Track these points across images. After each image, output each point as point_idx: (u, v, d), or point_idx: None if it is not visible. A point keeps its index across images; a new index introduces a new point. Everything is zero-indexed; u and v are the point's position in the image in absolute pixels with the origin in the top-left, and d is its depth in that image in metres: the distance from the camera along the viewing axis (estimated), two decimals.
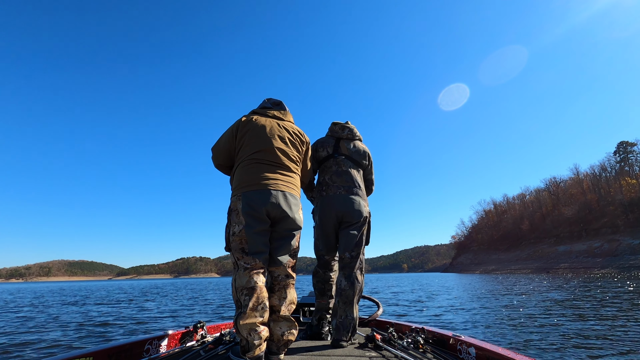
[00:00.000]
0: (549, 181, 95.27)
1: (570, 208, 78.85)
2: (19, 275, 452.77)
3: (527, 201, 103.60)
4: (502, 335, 5.14)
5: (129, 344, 2.00)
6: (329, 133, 2.66)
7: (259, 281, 1.84)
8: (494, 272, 65.66)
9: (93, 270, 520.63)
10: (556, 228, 78.98)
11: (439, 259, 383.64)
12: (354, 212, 2.35)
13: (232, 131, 2.09)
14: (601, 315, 6.55)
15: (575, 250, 62.82)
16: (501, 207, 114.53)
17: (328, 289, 2.53)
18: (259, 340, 1.73)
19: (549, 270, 54.62)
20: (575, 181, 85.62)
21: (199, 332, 2.48)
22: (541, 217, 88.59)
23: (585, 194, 78.96)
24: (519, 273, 56.22)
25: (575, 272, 43.89)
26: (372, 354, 1.97)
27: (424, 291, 16.12)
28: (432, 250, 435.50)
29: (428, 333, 2.38)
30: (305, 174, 2.31)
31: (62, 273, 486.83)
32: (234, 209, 1.93)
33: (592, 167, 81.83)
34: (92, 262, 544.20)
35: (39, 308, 11.33)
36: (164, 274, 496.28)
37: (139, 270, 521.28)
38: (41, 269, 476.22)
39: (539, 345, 4.41)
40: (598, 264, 51.24)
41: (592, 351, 4.00)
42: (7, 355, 4.39)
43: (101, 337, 5.60)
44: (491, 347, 1.83)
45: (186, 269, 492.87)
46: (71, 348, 4.89)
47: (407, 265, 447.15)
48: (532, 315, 6.90)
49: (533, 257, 72.62)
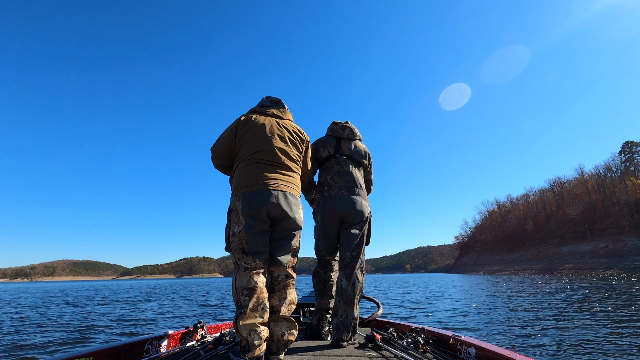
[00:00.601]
0: (553, 181, 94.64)
1: (574, 208, 78.27)
2: (24, 275, 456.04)
3: (531, 201, 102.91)
4: (508, 335, 5.10)
5: (129, 344, 2.00)
6: (329, 133, 2.64)
7: (259, 281, 1.83)
8: (498, 273, 65.31)
9: (97, 270, 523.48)
10: (560, 228, 78.40)
11: (442, 259, 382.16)
12: (356, 213, 2.35)
13: (232, 130, 2.06)
14: (605, 317, 6.49)
15: (580, 251, 62.33)
16: (505, 208, 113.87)
17: (328, 289, 2.52)
18: (259, 340, 1.73)
19: (553, 271, 54.23)
20: (580, 181, 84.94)
21: (199, 332, 2.48)
22: (545, 218, 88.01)
23: (590, 194, 78.30)
24: (523, 274, 55.89)
25: (580, 273, 43.55)
26: (372, 354, 1.97)
27: (430, 292, 16.04)
28: (435, 250, 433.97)
29: (428, 333, 2.38)
30: (306, 173, 2.30)
31: (67, 273, 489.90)
32: (233, 209, 1.92)
33: (597, 167, 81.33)
34: (96, 262, 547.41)
35: (40, 308, 11.38)
36: (167, 274, 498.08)
37: (142, 270, 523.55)
38: (46, 268, 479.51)
39: (541, 345, 4.38)
40: (603, 264, 50.80)
41: (592, 354, 3.96)
42: (8, 355, 4.40)
43: (101, 337, 5.60)
44: (491, 347, 1.83)
45: (189, 269, 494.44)
46: (71, 348, 4.89)
47: (410, 265, 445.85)
48: (536, 316, 6.86)
49: (537, 258, 72.13)
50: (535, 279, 30.16)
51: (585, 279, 26.20)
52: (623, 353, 3.89)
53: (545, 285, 18.20)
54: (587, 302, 9.10)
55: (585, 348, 4.18)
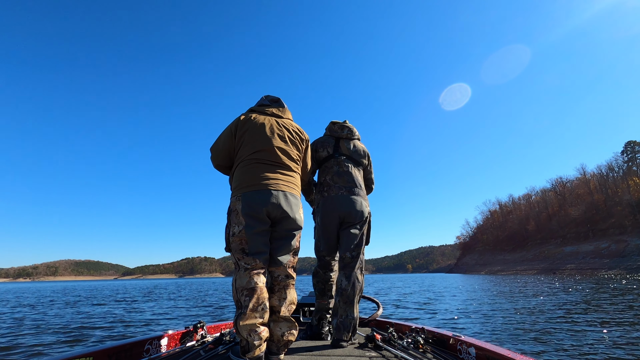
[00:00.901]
0: (555, 181, 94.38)
1: (576, 208, 78.04)
2: (27, 275, 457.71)
3: (532, 201, 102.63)
4: (513, 337, 5.08)
5: (129, 344, 2.00)
6: (327, 132, 2.63)
7: (260, 282, 1.82)
8: (500, 273, 65.17)
9: (99, 270, 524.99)
10: (562, 228, 78.20)
11: (444, 259, 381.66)
12: (356, 213, 2.34)
13: (231, 130, 2.04)
14: (607, 318, 6.46)
15: (582, 251, 62.13)
16: (507, 208, 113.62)
17: (328, 289, 2.52)
18: (259, 340, 1.73)
19: (555, 271, 54.08)
20: (582, 181, 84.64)
21: (199, 332, 2.47)
22: (547, 218, 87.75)
23: (592, 194, 78.04)
24: (524, 274, 55.75)
25: (583, 273, 43.42)
26: (372, 354, 1.96)
27: (432, 292, 16.00)
28: (437, 250, 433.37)
29: (428, 333, 2.37)
30: (305, 173, 2.28)
31: (69, 273, 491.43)
32: (233, 210, 1.91)
33: (599, 166, 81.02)
34: (98, 261, 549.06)
35: (40, 308, 11.38)
36: (168, 273, 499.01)
37: (144, 270, 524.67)
38: (48, 268, 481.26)
39: (543, 346, 4.36)
40: (605, 265, 50.63)
41: (597, 354, 3.95)
42: (8, 355, 4.40)
43: (101, 337, 5.59)
44: (491, 347, 1.82)
45: (191, 269, 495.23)
46: (71, 348, 4.89)
47: (412, 265, 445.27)
48: (540, 317, 6.83)
49: (539, 258, 71.94)
50: (537, 279, 30.07)
51: (587, 279, 26.11)
52: (630, 355, 3.87)
53: (549, 286, 18.14)
54: (592, 303, 9.06)
55: (591, 349, 4.15)
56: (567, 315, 6.86)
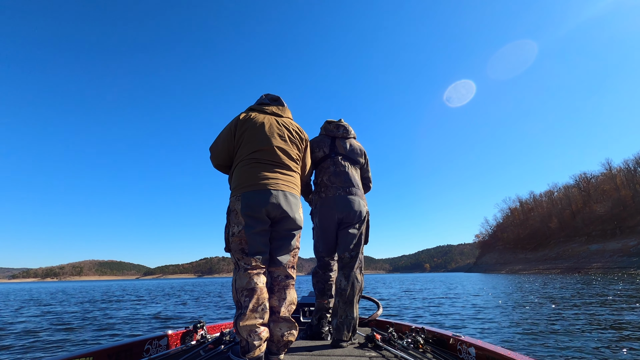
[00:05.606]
0: (579, 177, 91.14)
1: (602, 205, 75.13)
2: (54, 275, 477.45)
3: (555, 198, 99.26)
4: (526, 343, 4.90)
5: (129, 344, 2.02)
6: (322, 132, 2.59)
7: (259, 282, 1.82)
8: (521, 273, 63.28)
9: (121, 270, 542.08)
10: (587, 226, 75.40)
11: (463, 258, 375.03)
12: (354, 213, 2.31)
13: (231, 130, 2.02)
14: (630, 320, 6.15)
15: (609, 249, 59.68)
16: (527, 205, 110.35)
17: (328, 288, 2.50)
18: (259, 341, 1.73)
19: (579, 270, 52.15)
20: (608, 176, 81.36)
21: (199, 332, 2.48)
22: (571, 215, 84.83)
23: (618, 189, 74.94)
24: (547, 273, 54.00)
25: (610, 272, 41.64)
26: (372, 354, 1.95)
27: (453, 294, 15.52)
28: (455, 249, 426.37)
29: (428, 333, 2.34)
30: (305, 172, 2.27)
31: (93, 272, 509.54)
32: (232, 209, 1.91)
33: (626, 161, 77.68)
34: (121, 262, 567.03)
35: (45, 308, 11.63)
36: (188, 273, 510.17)
37: (164, 270, 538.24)
38: (73, 268, 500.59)
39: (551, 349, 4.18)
40: (634, 263, 48.45)
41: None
42: (8, 355, 4.48)
43: (101, 337, 5.62)
44: (491, 347, 1.79)
45: (209, 269, 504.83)
46: (71, 348, 4.93)
47: (430, 265, 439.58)
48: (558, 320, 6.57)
49: (562, 257, 69.60)
50: (561, 279, 28.97)
51: (614, 278, 25.02)
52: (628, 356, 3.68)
53: (577, 286, 17.43)
54: (614, 304, 8.66)
55: (587, 351, 3.97)
56: (592, 318, 6.56)
